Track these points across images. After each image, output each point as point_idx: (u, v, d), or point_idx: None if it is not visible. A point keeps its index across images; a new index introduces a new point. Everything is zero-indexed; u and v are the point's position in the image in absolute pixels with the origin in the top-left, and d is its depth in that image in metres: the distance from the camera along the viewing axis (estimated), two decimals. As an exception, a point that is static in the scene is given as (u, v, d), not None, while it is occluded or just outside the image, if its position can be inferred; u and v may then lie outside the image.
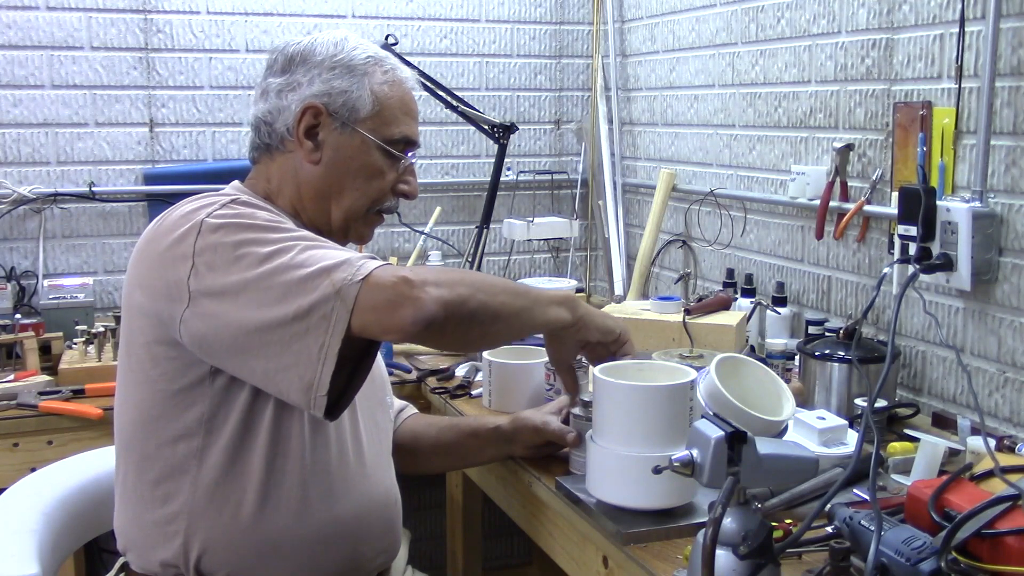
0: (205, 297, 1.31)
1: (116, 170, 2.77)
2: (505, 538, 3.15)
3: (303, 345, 1.27)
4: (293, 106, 1.47)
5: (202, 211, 1.35)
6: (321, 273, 1.28)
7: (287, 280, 1.28)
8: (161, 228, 1.38)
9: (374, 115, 1.48)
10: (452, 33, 3.07)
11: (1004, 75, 1.74)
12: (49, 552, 1.50)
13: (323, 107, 1.46)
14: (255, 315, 1.28)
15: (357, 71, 1.48)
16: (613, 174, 3.10)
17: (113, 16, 2.70)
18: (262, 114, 1.50)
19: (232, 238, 1.32)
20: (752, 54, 2.46)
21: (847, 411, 1.81)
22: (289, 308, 1.27)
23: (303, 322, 1.27)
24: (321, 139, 1.47)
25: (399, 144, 1.52)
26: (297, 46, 1.51)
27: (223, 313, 1.30)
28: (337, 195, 1.50)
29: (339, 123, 1.47)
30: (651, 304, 2.22)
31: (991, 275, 1.78)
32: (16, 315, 2.45)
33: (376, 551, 1.54)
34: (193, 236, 1.32)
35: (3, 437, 2.07)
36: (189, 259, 1.31)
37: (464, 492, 2.50)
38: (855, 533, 1.23)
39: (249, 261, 1.30)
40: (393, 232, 3.07)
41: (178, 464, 1.38)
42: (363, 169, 1.50)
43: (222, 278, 1.30)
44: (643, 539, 1.39)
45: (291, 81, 1.48)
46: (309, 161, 1.47)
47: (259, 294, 1.28)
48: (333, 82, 1.47)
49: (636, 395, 1.41)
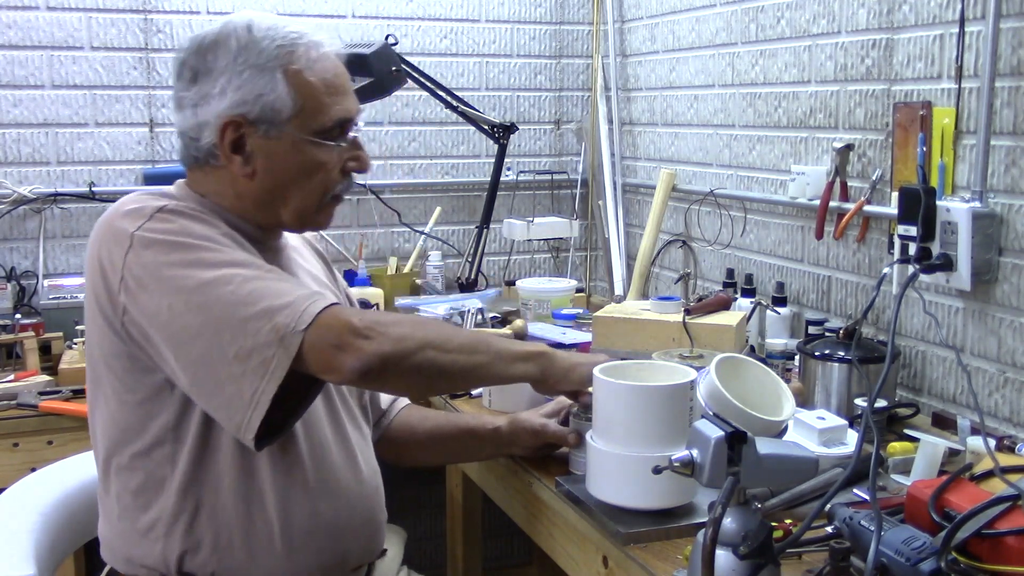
0: (139, 316, 1.30)
1: (116, 170, 2.77)
2: (505, 538, 3.15)
3: (237, 388, 1.26)
4: (211, 121, 1.37)
5: (132, 221, 1.32)
6: (264, 315, 1.25)
7: (227, 317, 1.26)
8: (97, 233, 1.36)
9: (299, 111, 1.38)
10: (452, 33, 3.07)
11: (1004, 75, 1.74)
12: (47, 553, 1.50)
13: (242, 118, 1.37)
14: (191, 346, 1.27)
15: (268, 68, 1.37)
16: (613, 174, 3.10)
17: (113, 16, 2.70)
18: (184, 128, 1.41)
19: (164, 258, 1.29)
20: (752, 54, 2.46)
21: (847, 411, 1.81)
22: (228, 348, 1.26)
23: (241, 364, 1.25)
24: (250, 150, 1.39)
25: (334, 130, 1.42)
26: (200, 45, 1.40)
27: (159, 339, 1.29)
28: (282, 200, 1.43)
29: (264, 130, 1.38)
30: (651, 304, 2.21)
31: (991, 275, 1.78)
32: (16, 315, 2.45)
33: (359, 543, 1.52)
34: (122, 250, 1.30)
35: (3, 437, 2.07)
36: (119, 272, 1.30)
37: (464, 492, 2.50)
38: (855, 533, 1.23)
39: (181, 287, 1.27)
40: (393, 232, 3.07)
41: (154, 472, 1.37)
42: (302, 169, 1.41)
43: (155, 300, 1.28)
44: (643, 539, 1.39)
45: (202, 93, 1.38)
46: (243, 175, 1.40)
47: (195, 325, 1.26)
48: (244, 88, 1.36)
49: (636, 395, 1.41)
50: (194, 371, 1.28)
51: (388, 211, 3.02)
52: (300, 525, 1.42)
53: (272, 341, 1.25)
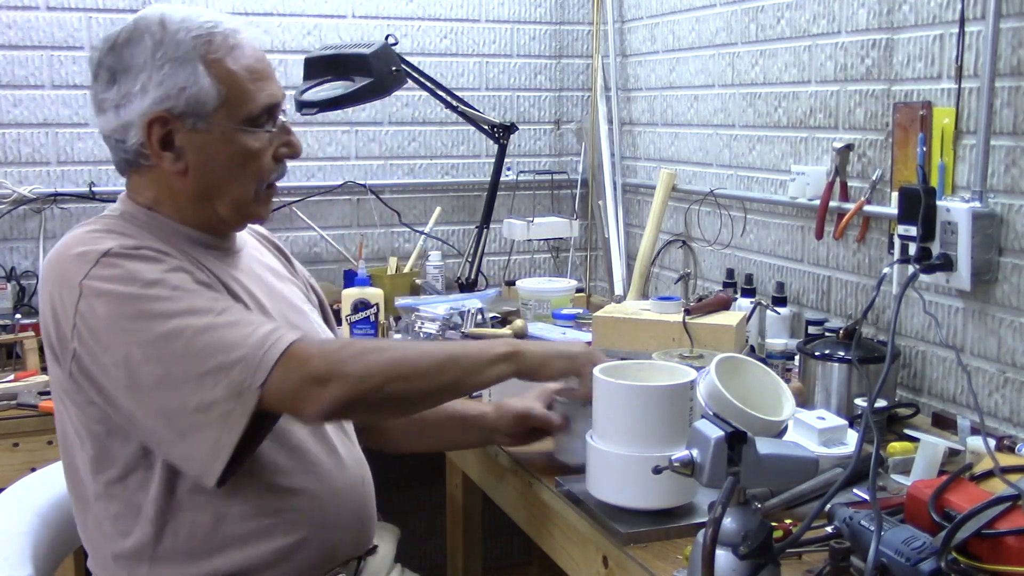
0: (92, 366, 1.29)
1: (116, 170, 2.76)
2: (505, 538, 3.14)
3: (199, 437, 1.26)
4: (136, 120, 1.35)
5: (79, 267, 1.29)
6: (219, 371, 1.25)
7: (183, 373, 1.25)
8: (49, 273, 1.33)
9: (224, 101, 1.36)
10: (452, 33, 3.07)
11: (1004, 75, 1.74)
12: (44, 554, 1.50)
13: (168, 113, 1.34)
14: (149, 399, 1.26)
15: (187, 60, 1.34)
16: (613, 174, 3.10)
17: (113, 16, 2.70)
18: (108, 132, 1.38)
19: (116, 309, 1.27)
20: (752, 54, 2.46)
21: (847, 411, 1.81)
22: (188, 400, 1.25)
23: (203, 415, 1.25)
24: (179, 145, 1.36)
25: (262, 117, 1.40)
26: (114, 45, 1.37)
27: (112, 390, 1.28)
28: (217, 193, 1.40)
29: (191, 123, 1.35)
30: (651, 304, 2.22)
31: (991, 275, 1.78)
32: (16, 315, 2.45)
33: (346, 537, 1.50)
34: (73, 298, 1.28)
35: (3, 437, 2.07)
36: (71, 320, 1.28)
37: (464, 492, 2.51)
38: (855, 533, 1.23)
39: (133, 340, 1.26)
40: (393, 232, 3.07)
41: (130, 498, 1.35)
42: (234, 159, 1.39)
43: (109, 353, 1.27)
44: (643, 539, 1.39)
45: (123, 92, 1.35)
46: (175, 172, 1.38)
47: (152, 380, 1.26)
48: (166, 83, 1.34)
49: (636, 395, 1.41)
50: (153, 423, 1.28)
51: (388, 211, 3.02)
52: (286, 517, 1.40)
53: (230, 396, 1.25)
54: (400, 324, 2.54)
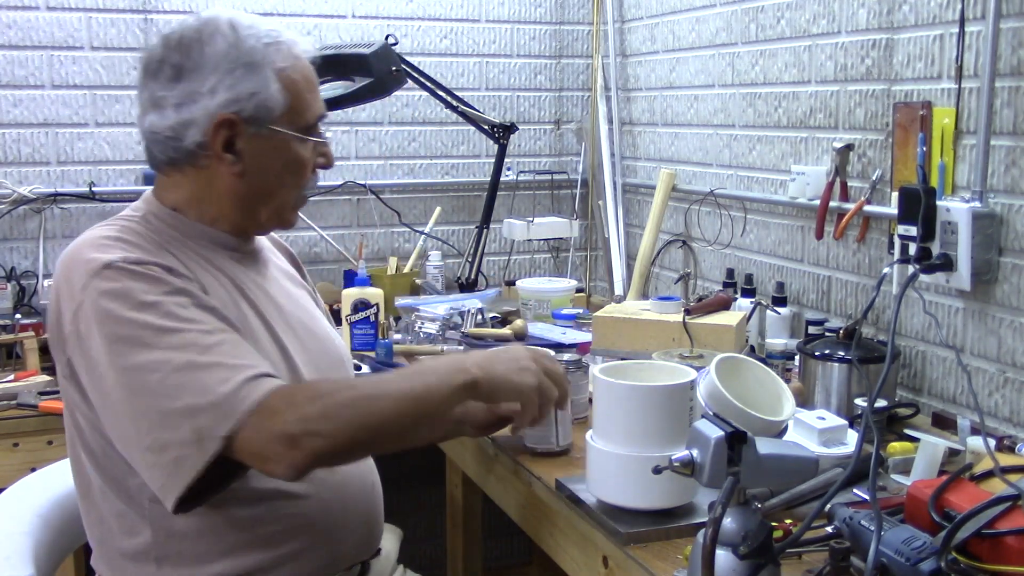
0: (80, 371, 1.30)
1: (116, 170, 2.77)
2: (505, 538, 3.15)
3: (150, 475, 1.25)
4: (200, 120, 1.34)
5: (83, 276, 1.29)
6: (185, 413, 1.21)
7: (147, 408, 1.23)
8: (59, 271, 1.34)
9: (287, 109, 1.39)
10: (452, 33, 3.07)
11: (1004, 75, 1.74)
12: (45, 554, 1.50)
13: (236, 116, 1.35)
14: (115, 422, 1.27)
15: (259, 65, 1.36)
16: (613, 174, 3.10)
17: (113, 16, 2.70)
18: (162, 129, 1.36)
19: (103, 328, 1.26)
20: (752, 54, 2.46)
21: (847, 411, 1.81)
22: (144, 437, 1.24)
23: (154, 456, 1.23)
24: (240, 149, 1.37)
25: (313, 126, 1.44)
26: (181, 44, 1.37)
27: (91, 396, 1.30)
28: (266, 198, 1.43)
29: (255, 128, 1.37)
30: (651, 304, 2.21)
31: (991, 275, 1.78)
32: (16, 315, 2.45)
33: (356, 542, 1.51)
34: (74, 304, 1.29)
35: (3, 437, 2.07)
36: (67, 325, 1.30)
37: (464, 492, 2.50)
38: (855, 533, 1.23)
39: (111, 364, 1.25)
40: (393, 232, 3.07)
41: (133, 493, 1.35)
42: (287, 166, 1.42)
43: (90, 368, 1.28)
44: (643, 539, 1.39)
45: (188, 91, 1.35)
46: (231, 175, 1.38)
47: (119, 405, 1.26)
48: (238, 86, 1.35)
49: (636, 395, 1.41)
50: (118, 444, 1.29)
51: (388, 211, 3.03)
52: (295, 520, 1.40)
53: (189, 440, 1.21)
54: (400, 324, 2.54)
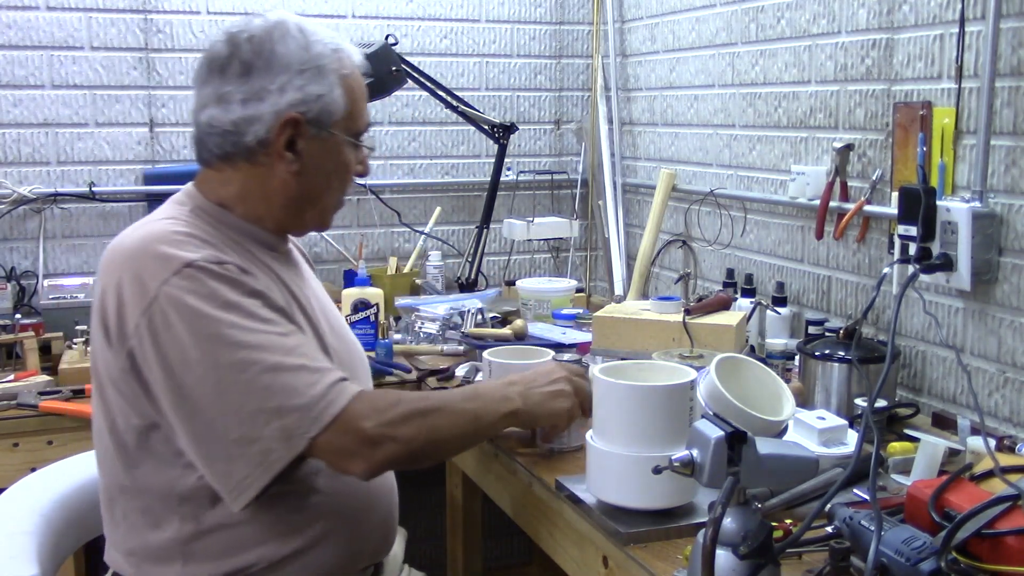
0: (145, 369, 1.30)
1: (116, 170, 2.77)
2: (505, 538, 3.15)
3: (228, 468, 1.29)
4: (266, 117, 1.38)
5: (159, 272, 1.29)
6: (275, 413, 1.28)
7: (237, 405, 1.27)
8: (121, 263, 1.33)
9: (346, 114, 1.43)
10: (452, 33, 3.07)
11: (1004, 75, 1.74)
12: (48, 553, 1.50)
13: (301, 116, 1.39)
14: (193, 418, 1.28)
15: (326, 70, 1.41)
16: (613, 174, 3.10)
17: (113, 16, 2.70)
18: (222, 123, 1.39)
19: (187, 325, 1.27)
20: (752, 54, 2.46)
21: (847, 411, 1.81)
22: (231, 431, 1.27)
23: (240, 448, 1.28)
24: (300, 149, 1.41)
25: (363, 133, 1.49)
26: (251, 41, 1.39)
27: (160, 395, 1.30)
28: (315, 200, 1.46)
29: (315, 129, 1.41)
30: (651, 304, 2.21)
31: (991, 275, 1.78)
32: (16, 315, 2.45)
33: (375, 542, 1.53)
34: (144, 300, 1.28)
35: (3, 437, 2.07)
36: (135, 320, 1.29)
37: (464, 492, 2.51)
38: (855, 533, 1.23)
39: (198, 361, 1.27)
40: (393, 232, 3.07)
41: (170, 486, 1.36)
42: (337, 170, 1.46)
43: (167, 363, 1.28)
44: (643, 539, 1.39)
45: (257, 88, 1.38)
46: (289, 173, 1.41)
47: (202, 402, 1.27)
48: (307, 88, 1.39)
49: (636, 395, 1.41)
50: (191, 440, 1.30)
51: (388, 211, 3.02)
52: (320, 520, 1.42)
53: (277, 437, 1.28)
54: (400, 324, 2.54)
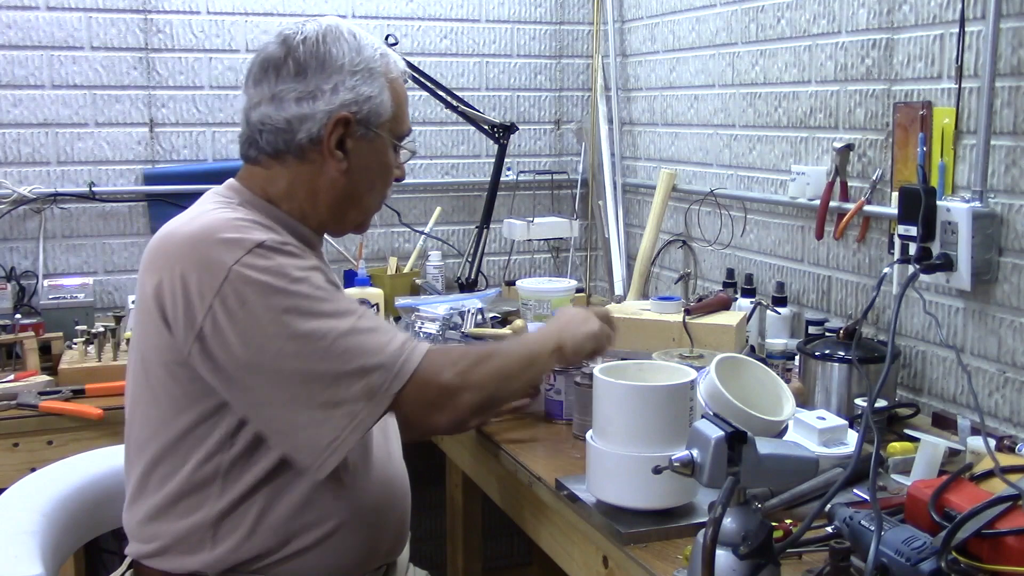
0: (218, 349, 1.31)
1: (116, 170, 2.77)
2: (505, 538, 3.15)
3: (317, 433, 1.32)
4: (319, 116, 1.42)
5: (230, 253, 1.31)
6: (358, 374, 1.32)
7: (321, 371, 1.31)
8: (182, 252, 1.34)
9: (392, 117, 1.48)
10: (452, 33, 3.07)
11: (1004, 75, 1.74)
12: (50, 553, 1.50)
13: (352, 116, 1.43)
14: (275, 390, 1.31)
15: (376, 73, 1.45)
16: (613, 174, 3.10)
17: (113, 16, 2.70)
18: (275, 120, 1.43)
19: (263, 300, 1.30)
20: (752, 54, 2.46)
21: (847, 411, 1.81)
22: (316, 397, 1.31)
23: (325, 412, 1.31)
24: (349, 148, 1.45)
25: (405, 137, 1.53)
26: (306, 45, 1.43)
27: (236, 372, 1.31)
28: (358, 199, 1.49)
29: (363, 130, 1.45)
30: (651, 304, 2.22)
31: (991, 275, 1.78)
32: (16, 315, 2.45)
33: (390, 540, 1.54)
34: (218, 279, 1.30)
35: (3, 437, 2.07)
36: (207, 300, 1.30)
37: (464, 492, 2.50)
38: (855, 533, 1.23)
39: (277, 333, 1.30)
40: (393, 232, 3.07)
41: (208, 478, 1.38)
42: (381, 171, 1.50)
43: (245, 339, 1.30)
44: (643, 539, 1.39)
45: (311, 88, 1.42)
46: (337, 171, 1.44)
47: (285, 372, 1.30)
48: (359, 88, 1.43)
49: (636, 395, 1.41)
50: (274, 412, 1.32)
51: (388, 211, 3.02)
52: (342, 519, 1.43)
53: (362, 397, 1.32)
54: (400, 324, 2.54)
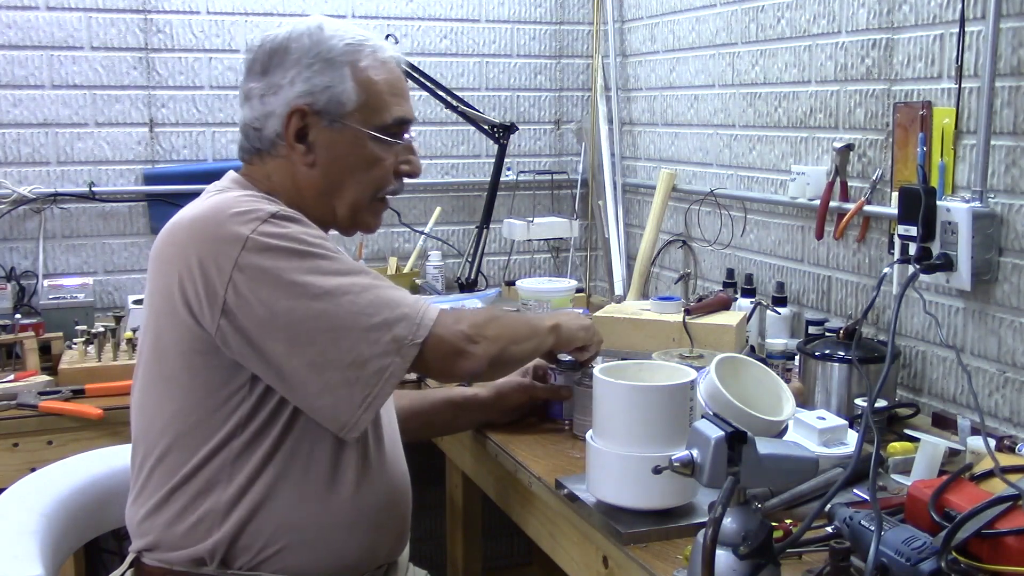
0: (245, 318, 1.32)
1: (116, 170, 2.77)
2: (505, 538, 3.14)
3: (349, 392, 1.33)
4: (278, 110, 1.44)
5: (245, 224, 1.33)
6: (383, 327, 1.34)
7: (347, 327, 1.33)
8: (194, 231, 1.36)
9: (361, 105, 1.45)
10: (452, 33, 3.07)
11: (1004, 75, 1.74)
12: (50, 553, 1.50)
13: (308, 108, 1.43)
14: (304, 350, 1.32)
15: (336, 63, 1.44)
16: (613, 174, 3.10)
17: (113, 16, 2.70)
18: (249, 120, 1.47)
19: (283, 264, 1.32)
20: (752, 54, 2.46)
21: (847, 411, 1.81)
22: (345, 355, 1.32)
23: (356, 371, 1.33)
24: (312, 140, 1.45)
25: (392, 128, 1.50)
26: (272, 43, 1.46)
27: (265, 339, 1.32)
28: (338, 191, 1.49)
29: (327, 121, 1.44)
30: (651, 304, 2.22)
31: (991, 275, 1.78)
32: (16, 315, 2.45)
33: (391, 540, 1.55)
34: (235, 250, 1.31)
35: (3, 437, 2.07)
36: (227, 272, 1.31)
37: (464, 492, 2.50)
38: (855, 533, 1.23)
39: (301, 293, 1.32)
40: (393, 232, 3.07)
41: (215, 468, 1.38)
42: (360, 162, 1.48)
43: (270, 304, 1.31)
44: (643, 539, 1.39)
45: (271, 84, 1.45)
46: (304, 164, 1.46)
47: (313, 331, 1.31)
48: (314, 79, 1.43)
49: (636, 395, 1.41)
50: (302, 374, 1.33)
51: (388, 211, 3.01)
52: (345, 518, 1.44)
53: (390, 351, 1.35)
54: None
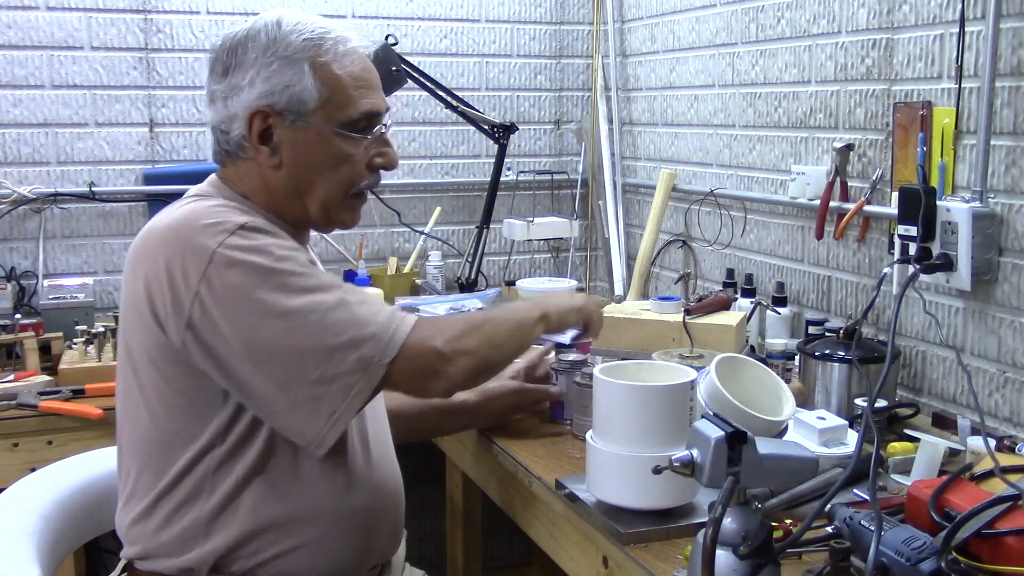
0: (209, 336, 1.30)
1: (116, 170, 2.77)
2: (505, 538, 3.14)
3: (314, 408, 1.31)
4: (240, 113, 1.41)
5: (212, 236, 1.32)
6: (349, 346, 1.31)
7: (313, 346, 1.30)
8: (164, 240, 1.35)
9: (325, 102, 1.41)
10: (452, 33, 3.07)
11: (1004, 75, 1.74)
12: (48, 554, 1.50)
13: (269, 109, 1.40)
14: (270, 368, 1.30)
15: (295, 60, 1.40)
16: (613, 174, 3.10)
17: (113, 16, 2.70)
18: (215, 123, 1.44)
19: (249, 281, 1.30)
20: (752, 54, 2.46)
21: (847, 411, 1.81)
22: (310, 373, 1.30)
23: (323, 387, 1.30)
24: (277, 141, 1.41)
25: (360, 122, 1.45)
26: (232, 41, 1.42)
27: (229, 357, 1.31)
28: (308, 191, 1.45)
29: (290, 120, 1.41)
30: (651, 304, 2.21)
31: (991, 275, 1.78)
32: (16, 315, 2.45)
33: (383, 541, 1.54)
34: (202, 263, 1.30)
35: (3, 437, 2.07)
36: (193, 287, 1.30)
37: (464, 492, 2.50)
38: (855, 533, 1.23)
39: (265, 312, 1.30)
40: (393, 232, 3.07)
41: (198, 477, 1.37)
42: (327, 159, 1.44)
43: (235, 321, 1.30)
44: (643, 539, 1.39)
45: (232, 85, 1.41)
46: (270, 166, 1.43)
47: (278, 350, 1.30)
48: (273, 79, 1.39)
49: (636, 395, 1.41)
50: (269, 392, 1.31)
51: (388, 211, 3.02)
52: (336, 521, 1.43)
53: (356, 370, 1.31)
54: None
